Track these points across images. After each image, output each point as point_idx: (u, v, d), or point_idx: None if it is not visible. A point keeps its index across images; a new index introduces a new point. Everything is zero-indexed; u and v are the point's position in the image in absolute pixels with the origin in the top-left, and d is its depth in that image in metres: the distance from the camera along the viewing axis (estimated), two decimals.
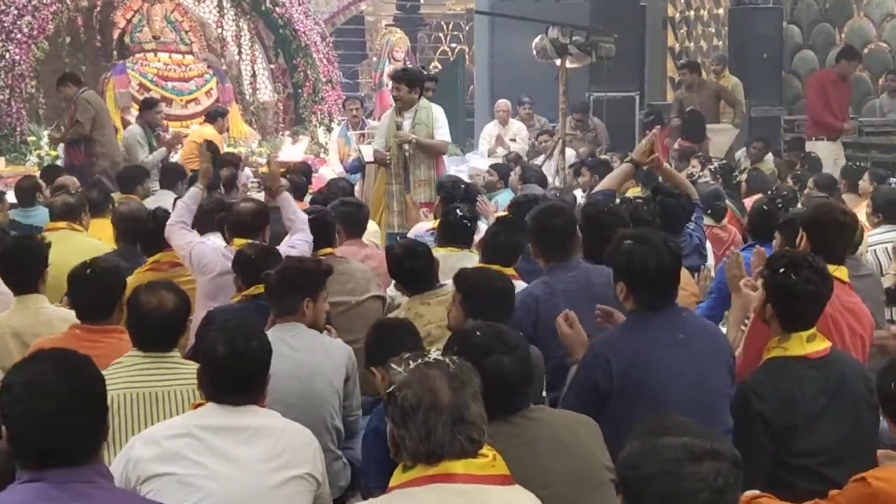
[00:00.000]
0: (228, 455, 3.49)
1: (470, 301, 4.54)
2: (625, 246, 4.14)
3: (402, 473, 2.86)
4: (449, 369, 2.88)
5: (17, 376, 2.76)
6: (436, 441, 2.80)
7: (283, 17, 14.99)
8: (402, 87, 9.21)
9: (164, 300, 4.20)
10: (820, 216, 4.83)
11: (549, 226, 5.22)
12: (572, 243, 5.24)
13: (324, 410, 4.59)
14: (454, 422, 2.81)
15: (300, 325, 4.77)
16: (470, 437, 2.83)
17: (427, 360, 2.90)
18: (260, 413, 3.64)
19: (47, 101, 13.49)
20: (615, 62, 14.08)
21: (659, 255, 4.04)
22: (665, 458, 2.26)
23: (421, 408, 2.81)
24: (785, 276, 3.96)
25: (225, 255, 5.86)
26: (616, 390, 3.91)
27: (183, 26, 14.62)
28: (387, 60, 16.25)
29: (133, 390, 4.04)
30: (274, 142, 14.94)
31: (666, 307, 4.09)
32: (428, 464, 2.81)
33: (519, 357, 3.45)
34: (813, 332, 3.99)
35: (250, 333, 3.69)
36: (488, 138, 14.47)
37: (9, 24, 12.78)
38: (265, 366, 3.70)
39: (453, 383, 2.85)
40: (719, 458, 2.27)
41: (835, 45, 15.93)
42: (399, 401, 2.83)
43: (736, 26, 16.24)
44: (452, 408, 2.81)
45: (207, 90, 14.52)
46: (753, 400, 3.87)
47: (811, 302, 3.98)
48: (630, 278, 4.08)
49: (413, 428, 2.81)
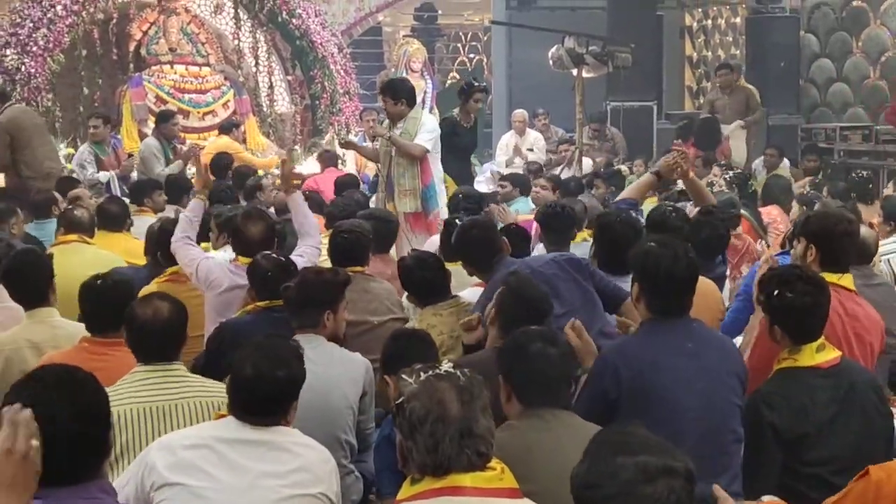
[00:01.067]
0: (243, 469, 3.47)
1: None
2: (646, 247, 4.16)
3: (410, 486, 2.85)
4: (459, 382, 2.86)
5: (19, 396, 2.73)
6: (443, 453, 2.79)
7: (300, 28, 15.01)
8: (388, 100, 8.85)
9: (159, 310, 4.19)
10: (828, 226, 4.79)
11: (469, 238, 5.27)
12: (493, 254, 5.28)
13: (337, 425, 4.56)
14: (462, 435, 2.80)
15: (320, 338, 4.74)
16: (477, 451, 2.82)
17: (437, 373, 2.89)
18: (280, 430, 3.61)
19: (64, 114, 13.55)
20: (632, 71, 14.08)
21: (675, 260, 4.03)
22: (621, 478, 2.26)
23: (429, 420, 2.80)
24: (780, 296, 4.00)
25: (231, 271, 5.83)
26: (625, 400, 3.90)
27: (199, 38, 14.63)
28: (404, 71, 16.26)
29: (140, 405, 4.03)
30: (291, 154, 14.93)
31: (676, 315, 4.07)
32: (435, 476, 2.80)
33: (563, 352, 3.59)
34: (822, 342, 4.00)
35: (281, 361, 3.63)
36: (505, 148, 14.45)
37: (24, 37, 12.82)
38: (291, 394, 3.67)
39: (462, 396, 2.83)
40: (674, 475, 2.27)
41: (851, 53, 15.90)
42: (407, 412, 2.83)
43: (753, 35, 16.22)
44: (460, 421, 2.80)
45: (224, 102, 14.53)
46: (764, 410, 3.88)
47: (813, 314, 3.99)
48: (642, 279, 4.10)
49: (420, 440, 2.80)
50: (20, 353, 4.97)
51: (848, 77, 16.05)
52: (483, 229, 5.48)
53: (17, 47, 12.79)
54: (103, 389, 2.88)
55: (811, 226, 4.87)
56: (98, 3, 13.52)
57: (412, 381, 2.88)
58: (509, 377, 3.60)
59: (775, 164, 12.67)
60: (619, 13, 15.97)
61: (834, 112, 16.14)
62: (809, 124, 15.85)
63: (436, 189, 8.90)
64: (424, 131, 8.84)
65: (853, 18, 15.96)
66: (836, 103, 16.19)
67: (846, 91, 16.06)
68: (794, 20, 16.16)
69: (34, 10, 12.97)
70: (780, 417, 3.83)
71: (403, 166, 8.81)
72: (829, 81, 16.29)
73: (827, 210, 5.61)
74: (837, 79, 16.18)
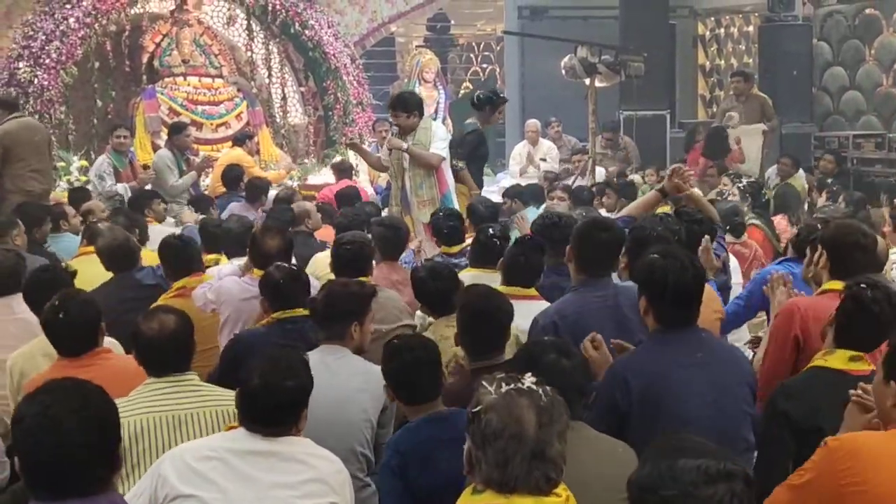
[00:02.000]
0: (254, 480, 3.47)
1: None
2: (650, 259, 4.15)
3: (471, 495, 2.82)
4: (540, 402, 2.80)
5: (28, 408, 2.75)
6: (511, 472, 2.74)
7: (313, 39, 15.00)
8: (401, 115, 8.87)
9: (164, 323, 4.21)
10: (841, 237, 4.83)
11: (594, 239, 5.02)
12: (611, 260, 5.08)
13: (353, 438, 4.54)
14: (534, 456, 2.75)
15: (345, 350, 4.74)
16: (547, 476, 2.77)
17: (519, 387, 2.83)
18: (291, 441, 3.61)
19: (77, 127, 13.58)
20: (645, 81, 14.09)
21: (682, 271, 4.04)
22: (683, 481, 2.31)
23: (503, 435, 2.75)
24: (862, 289, 3.97)
25: (246, 283, 5.86)
26: (635, 410, 3.91)
27: (212, 50, 14.65)
28: (417, 81, 16.25)
29: (155, 415, 4.04)
30: (304, 166, 14.96)
31: (685, 326, 4.08)
32: (499, 492, 2.76)
33: (576, 364, 3.58)
34: (860, 355, 3.95)
35: (288, 371, 3.63)
36: (518, 158, 14.45)
37: (37, 49, 12.84)
38: (299, 403, 3.66)
39: (542, 417, 2.78)
40: (733, 478, 2.33)
41: (864, 61, 15.87)
42: (483, 423, 2.78)
43: (766, 44, 16.20)
44: (535, 442, 2.75)
45: (237, 114, 14.53)
46: (780, 399, 3.89)
47: (873, 322, 3.94)
48: (650, 291, 4.09)
49: (491, 453, 2.76)
50: (34, 362, 5.01)
51: (861, 85, 16.02)
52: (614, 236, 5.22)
53: (30, 60, 12.81)
54: (112, 402, 2.89)
55: (828, 233, 4.94)
56: (111, 16, 13.54)
57: (492, 390, 2.83)
58: None
59: (789, 173, 12.64)
60: (631, 22, 15.97)
61: (847, 120, 16.10)
62: (822, 132, 15.83)
63: (452, 197, 8.93)
64: (437, 139, 8.89)
65: (866, 26, 15.93)
66: (849, 111, 16.16)
67: (859, 99, 16.02)
68: (806, 28, 16.13)
69: (47, 22, 13.01)
70: (794, 407, 3.82)
71: (421, 177, 8.83)
72: (841, 89, 16.26)
73: (845, 221, 5.61)
74: (850, 87, 16.15)
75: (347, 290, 4.89)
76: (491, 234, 6.36)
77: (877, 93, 15.85)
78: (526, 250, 5.62)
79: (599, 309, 4.81)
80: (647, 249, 4.40)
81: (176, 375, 4.17)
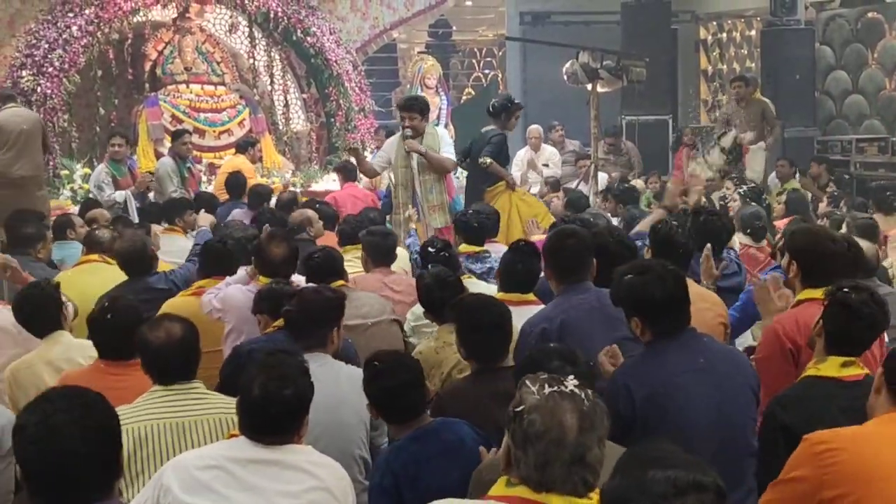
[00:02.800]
0: (257, 489, 3.46)
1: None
2: (626, 280, 4.14)
3: (505, 487, 2.84)
4: (583, 406, 2.82)
5: (30, 416, 2.76)
6: (550, 474, 2.76)
7: (315, 46, 15.02)
8: (416, 117, 8.97)
9: (171, 331, 4.22)
10: (811, 245, 4.81)
11: (563, 248, 5.11)
12: (585, 266, 5.11)
13: (351, 442, 4.56)
14: (573, 460, 2.76)
15: (327, 356, 4.76)
16: (585, 480, 2.78)
17: (563, 390, 2.84)
18: (293, 449, 3.61)
19: (80, 134, 13.61)
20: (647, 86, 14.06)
21: (663, 282, 4.06)
22: (653, 492, 2.28)
23: (545, 438, 2.77)
24: (846, 293, 3.95)
25: (251, 291, 5.89)
26: (638, 418, 3.91)
27: (214, 57, 14.67)
28: (419, 87, 16.24)
29: (159, 421, 4.05)
30: (307, 171, 14.97)
31: (682, 332, 4.09)
32: (535, 491, 2.78)
33: (580, 372, 3.51)
34: (851, 360, 3.95)
35: (287, 379, 3.62)
36: (520, 164, 14.44)
37: (40, 57, 12.88)
38: (300, 410, 3.66)
39: (583, 422, 2.79)
40: (703, 490, 2.30)
41: (867, 65, 15.85)
42: (525, 424, 2.79)
43: (768, 48, 16.20)
44: (576, 446, 2.76)
45: (240, 121, 14.55)
46: (777, 411, 3.86)
47: (862, 324, 3.94)
48: (641, 311, 4.09)
49: (532, 454, 2.78)
50: (34, 370, 5.05)
51: (864, 89, 16.00)
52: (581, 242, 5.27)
53: (33, 68, 12.85)
54: (114, 410, 2.89)
55: (796, 242, 4.90)
56: (113, 24, 13.58)
57: (535, 390, 2.84)
58: None
59: (788, 174, 12.67)
60: (633, 27, 16.00)
61: (850, 124, 16.08)
62: (825, 136, 15.82)
63: (460, 201, 8.96)
64: (446, 144, 9.00)
65: (868, 30, 15.91)
66: (851, 115, 16.14)
67: (862, 103, 16.00)
68: (808, 32, 16.13)
69: (49, 31, 13.05)
70: (792, 418, 3.80)
71: (430, 182, 8.87)
72: (844, 93, 16.24)
73: (812, 228, 5.60)
74: (853, 91, 16.13)
75: (323, 296, 4.91)
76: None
77: (880, 96, 15.82)
78: (522, 257, 5.64)
79: (587, 311, 4.85)
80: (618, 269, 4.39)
81: (182, 384, 4.18)
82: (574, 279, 5.03)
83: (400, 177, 9.07)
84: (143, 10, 14.02)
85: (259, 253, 6.10)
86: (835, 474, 3.19)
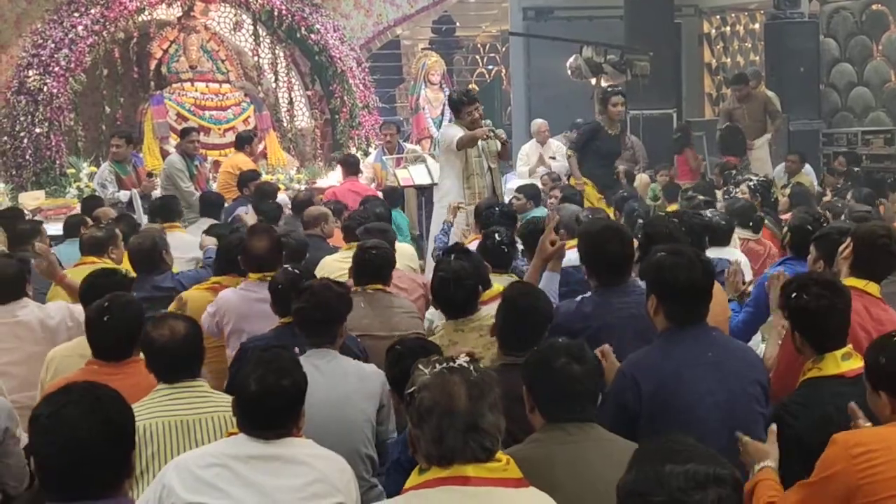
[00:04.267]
0: (259, 485, 3.47)
1: None
2: (657, 258, 4.14)
3: (418, 475, 2.92)
4: (470, 377, 2.92)
5: (45, 408, 2.79)
6: (447, 445, 2.86)
7: (319, 43, 15.03)
8: (480, 108, 9.24)
9: (175, 329, 4.22)
10: (872, 238, 4.85)
11: (603, 248, 4.89)
12: (626, 265, 4.92)
13: (356, 439, 4.54)
14: (467, 428, 2.86)
15: (334, 352, 4.75)
16: (482, 445, 2.88)
17: (451, 366, 2.95)
18: (293, 442, 3.62)
19: (86, 133, 13.67)
20: (651, 80, 14.10)
21: (691, 268, 4.03)
22: (671, 486, 2.30)
23: (436, 411, 2.87)
24: (797, 298, 3.98)
25: (241, 290, 5.97)
26: (645, 410, 3.90)
27: (219, 55, 14.69)
28: (423, 84, 16.27)
29: (164, 419, 4.05)
30: (312, 168, 14.99)
31: (695, 324, 4.07)
32: (441, 466, 2.87)
33: (588, 369, 3.56)
34: (848, 350, 3.95)
35: (283, 371, 3.63)
36: (525, 158, 14.45)
37: (46, 57, 12.95)
38: (297, 402, 3.67)
39: (472, 391, 2.90)
40: (721, 483, 2.32)
41: (872, 57, 15.84)
42: (417, 402, 2.91)
43: (772, 41, 16.16)
44: (467, 414, 2.87)
45: (245, 118, 14.55)
46: (788, 420, 3.82)
47: (829, 317, 3.95)
48: (660, 290, 4.07)
49: (427, 430, 2.88)
50: (68, 362, 5.05)
51: (869, 81, 16.00)
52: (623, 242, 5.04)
53: (40, 68, 12.91)
54: (129, 408, 2.91)
55: (859, 230, 4.97)
56: (119, 23, 13.62)
57: (427, 371, 2.94)
58: (532, 391, 3.60)
59: (796, 170, 12.66)
60: (636, 21, 15.95)
61: (855, 116, 16.09)
62: (831, 129, 15.81)
63: None
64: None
65: (873, 22, 15.90)
66: (857, 107, 16.14)
67: (867, 95, 16.00)
68: (813, 25, 16.09)
69: (55, 30, 13.10)
70: (803, 427, 3.77)
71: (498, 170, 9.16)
72: (849, 86, 16.24)
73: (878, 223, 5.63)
74: (858, 83, 16.13)
75: (334, 292, 4.87)
76: (498, 240, 6.33)
77: (885, 89, 15.83)
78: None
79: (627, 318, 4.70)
80: (655, 248, 4.38)
81: (186, 381, 4.19)
82: (614, 280, 4.87)
83: (477, 166, 9.17)
84: (148, 9, 14.07)
85: (243, 249, 6.11)
86: (873, 478, 3.15)
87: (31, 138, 12.85)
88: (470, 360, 3.00)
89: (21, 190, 12.66)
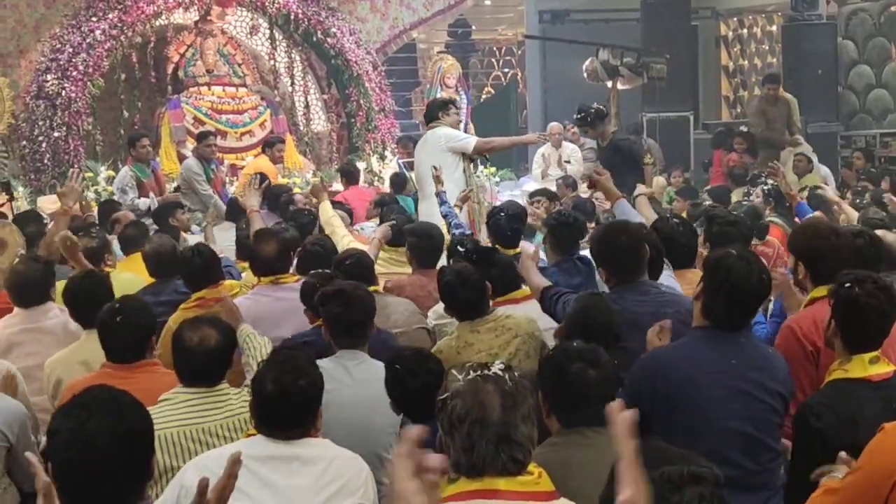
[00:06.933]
0: (277, 485, 3.48)
1: None
2: (722, 253, 4.08)
3: (447, 486, 2.86)
4: (505, 386, 2.87)
5: (64, 422, 2.73)
6: (478, 455, 2.81)
7: (335, 47, 15.04)
8: None
9: (207, 336, 4.21)
10: (809, 241, 4.75)
11: (614, 244, 4.90)
12: (639, 262, 4.88)
13: (379, 443, 4.53)
14: (499, 439, 2.81)
15: (363, 354, 4.75)
16: (513, 457, 2.83)
17: (485, 374, 2.90)
18: (311, 443, 3.63)
19: (104, 137, 13.70)
20: (668, 82, 14.08)
21: (747, 273, 3.95)
22: (649, 493, 2.24)
23: (468, 420, 2.82)
24: (850, 288, 3.87)
25: (254, 295, 5.96)
26: (658, 409, 3.86)
27: (236, 59, 14.72)
28: (439, 87, 16.26)
29: (184, 428, 4.06)
30: (328, 172, 14.99)
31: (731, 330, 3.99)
32: (470, 477, 2.82)
33: (603, 374, 3.54)
34: (876, 354, 3.86)
35: (299, 371, 3.63)
36: (540, 161, 14.44)
37: (64, 61, 12.99)
38: (314, 401, 3.67)
39: (506, 401, 2.84)
40: (698, 481, 2.29)
41: (890, 59, 15.77)
42: (449, 409, 2.86)
43: (790, 43, 16.14)
44: (499, 425, 2.82)
45: (261, 122, 14.57)
46: (811, 419, 3.78)
47: (875, 317, 3.85)
48: (710, 282, 3.99)
49: (458, 438, 2.83)
50: (71, 369, 5.05)
51: (887, 83, 15.94)
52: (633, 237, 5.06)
53: (58, 72, 12.95)
54: (149, 416, 2.88)
55: (795, 241, 4.86)
56: (136, 28, 13.64)
57: (461, 378, 2.90)
58: (547, 395, 3.60)
59: (806, 170, 12.62)
60: (653, 24, 15.95)
61: (874, 118, 16.03)
62: (849, 131, 15.76)
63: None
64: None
65: (891, 23, 15.84)
66: (875, 110, 16.08)
67: (886, 97, 15.94)
68: (830, 27, 16.06)
69: (74, 35, 13.14)
70: (827, 426, 3.72)
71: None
72: (868, 88, 16.18)
73: (811, 223, 5.50)
74: (877, 85, 16.07)
75: (362, 292, 4.89)
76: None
77: None
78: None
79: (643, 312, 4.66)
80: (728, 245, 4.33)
81: (206, 387, 4.19)
82: (630, 277, 4.85)
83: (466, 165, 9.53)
84: (165, 13, 14.06)
85: (252, 256, 6.11)
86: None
87: (49, 142, 12.88)
88: (505, 368, 2.95)
89: (40, 194, 12.68)
